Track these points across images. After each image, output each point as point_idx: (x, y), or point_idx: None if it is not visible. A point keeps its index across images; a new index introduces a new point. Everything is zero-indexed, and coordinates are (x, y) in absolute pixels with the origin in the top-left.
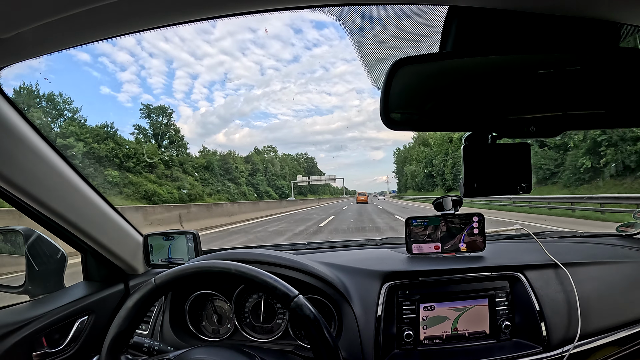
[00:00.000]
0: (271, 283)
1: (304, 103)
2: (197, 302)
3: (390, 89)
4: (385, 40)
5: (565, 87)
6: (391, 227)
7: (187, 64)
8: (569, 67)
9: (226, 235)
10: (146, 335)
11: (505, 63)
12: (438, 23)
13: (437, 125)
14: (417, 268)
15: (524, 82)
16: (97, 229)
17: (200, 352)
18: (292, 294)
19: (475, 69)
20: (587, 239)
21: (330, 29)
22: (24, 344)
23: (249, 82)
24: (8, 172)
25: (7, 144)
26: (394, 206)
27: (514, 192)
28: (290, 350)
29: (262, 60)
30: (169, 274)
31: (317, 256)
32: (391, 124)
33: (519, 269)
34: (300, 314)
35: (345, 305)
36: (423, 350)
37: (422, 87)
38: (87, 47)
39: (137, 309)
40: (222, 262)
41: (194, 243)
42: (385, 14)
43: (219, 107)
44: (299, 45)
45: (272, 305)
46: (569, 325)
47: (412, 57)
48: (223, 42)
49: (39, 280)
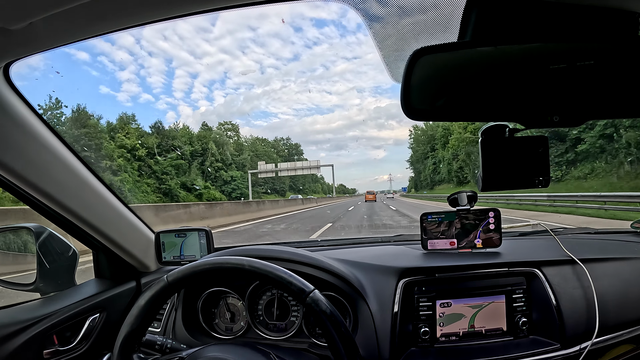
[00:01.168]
0: (286, 278)
1: (304, 102)
2: (209, 299)
3: (411, 79)
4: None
5: (587, 76)
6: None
7: (186, 62)
8: (590, 56)
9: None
10: (158, 333)
11: (526, 52)
12: (457, 13)
13: (458, 115)
14: (433, 264)
15: (545, 72)
16: (109, 226)
17: (214, 349)
18: (307, 289)
19: (496, 58)
20: (602, 235)
21: (331, 27)
22: (35, 342)
23: (248, 81)
24: (20, 168)
25: (19, 140)
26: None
27: (533, 186)
28: (305, 348)
29: (262, 58)
30: (181, 271)
31: (330, 253)
32: (411, 113)
33: (536, 265)
34: (316, 310)
35: (361, 302)
36: (440, 348)
37: (442, 76)
38: (86, 46)
39: (149, 307)
40: (234, 258)
41: (207, 240)
42: (404, 3)
43: (218, 107)
44: (299, 44)
45: (285, 303)
46: (586, 322)
47: (431, 47)
48: (222, 41)
49: (50, 278)
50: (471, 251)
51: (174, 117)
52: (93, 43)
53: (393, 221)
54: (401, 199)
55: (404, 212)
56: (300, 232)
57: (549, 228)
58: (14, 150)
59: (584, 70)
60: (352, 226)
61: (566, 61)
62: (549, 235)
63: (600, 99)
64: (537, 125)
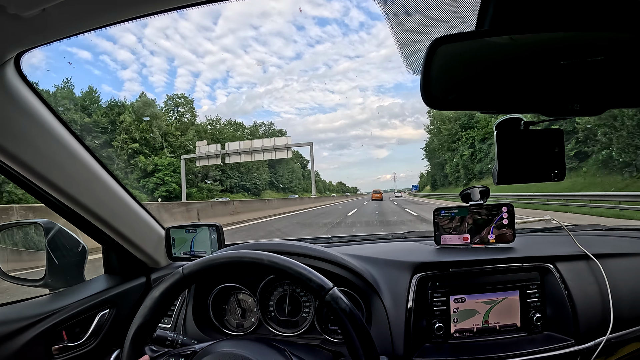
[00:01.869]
0: (305, 274)
1: (307, 101)
2: (220, 295)
3: (430, 69)
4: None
5: (608, 65)
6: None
7: (188, 61)
8: (612, 44)
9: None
10: (169, 329)
11: (545, 41)
12: (475, 2)
13: (478, 104)
14: (447, 259)
15: (565, 60)
16: (120, 221)
17: (228, 344)
18: (327, 286)
19: (515, 47)
20: (615, 232)
21: (333, 25)
22: (43, 337)
23: (251, 80)
24: (30, 160)
25: (30, 132)
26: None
27: (548, 179)
28: (317, 344)
29: (265, 57)
30: (197, 264)
31: (342, 249)
32: (432, 103)
33: (550, 260)
34: (335, 307)
35: (375, 298)
36: (454, 344)
37: (461, 66)
38: (88, 45)
39: (163, 299)
40: (253, 252)
41: (217, 235)
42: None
43: (221, 105)
44: (301, 43)
45: (297, 299)
46: (601, 317)
47: (450, 36)
48: (224, 40)
49: (60, 274)
50: (484, 246)
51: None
52: (95, 42)
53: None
54: (413, 199)
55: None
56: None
57: (562, 224)
58: (25, 142)
59: (605, 58)
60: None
61: (587, 49)
62: (562, 232)
63: (620, 87)
64: (557, 114)
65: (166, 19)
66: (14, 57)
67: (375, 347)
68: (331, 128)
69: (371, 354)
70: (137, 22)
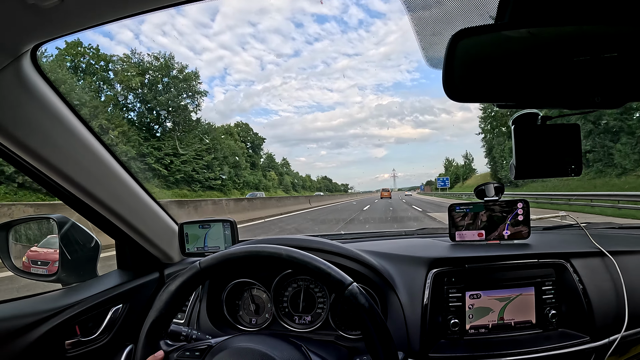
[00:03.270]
0: (324, 269)
1: (305, 99)
2: (234, 291)
3: (453, 62)
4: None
5: (629, 57)
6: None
7: (185, 58)
8: (629, 37)
9: None
10: (182, 324)
11: (567, 33)
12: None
13: (500, 97)
14: (462, 255)
15: (585, 53)
16: (134, 216)
17: (244, 339)
18: (346, 282)
19: (536, 39)
20: (628, 230)
21: (332, 22)
22: (57, 332)
23: (249, 78)
24: (46, 153)
25: (46, 124)
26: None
27: (565, 174)
28: (331, 340)
29: (262, 55)
30: (215, 258)
31: (357, 245)
32: (454, 95)
33: (565, 257)
34: (354, 303)
35: (391, 293)
36: (469, 340)
37: (482, 59)
38: (85, 40)
39: (179, 293)
40: (271, 247)
41: (231, 231)
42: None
43: (218, 103)
44: (299, 40)
45: (311, 295)
46: (616, 314)
47: (471, 29)
48: (222, 36)
49: (72, 269)
50: (499, 243)
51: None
52: (92, 38)
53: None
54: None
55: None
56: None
57: (577, 221)
58: (41, 135)
59: (624, 50)
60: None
61: (607, 42)
62: (577, 229)
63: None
64: (578, 107)
65: (163, 15)
66: (30, 49)
67: (393, 343)
68: (329, 127)
69: (389, 349)
70: (135, 18)
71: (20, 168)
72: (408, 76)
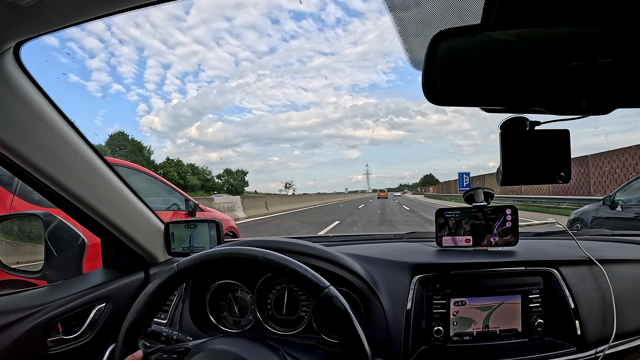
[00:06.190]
0: (301, 272)
1: (280, 98)
2: (218, 292)
3: (433, 63)
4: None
5: (619, 62)
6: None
7: (158, 52)
8: (623, 40)
9: None
10: (165, 324)
11: (554, 35)
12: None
13: (483, 100)
14: (448, 261)
15: (574, 56)
16: (118, 215)
17: (221, 342)
18: (322, 285)
19: (522, 41)
20: (619, 237)
21: (309, 20)
22: (39, 329)
23: (223, 74)
24: (29, 152)
25: (28, 123)
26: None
27: (553, 181)
28: (314, 344)
29: (237, 51)
30: (192, 259)
31: (342, 248)
32: (434, 99)
33: (553, 265)
34: (330, 307)
35: (373, 298)
36: (453, 347)
37: (466, 60)
38: (57, 33)
39: (157, 295)
40: (248, 249)
41: (217, 231)
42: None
43: (191, 99)
44: (275, 37)
45: (295, 298)
46: (604, 325)
47: (454, 29)
48: (196, 31)
49: (58, 266)
50: (487, 249)
51: (145, 109)
52: (68, 31)
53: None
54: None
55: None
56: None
57: (567, 228)
58: (24, 134)
59: (615, 55)
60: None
61: (597, 46)
62: (566, 236)
63: (630, 87)
64: (565, 112)
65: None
66: (12, 47)
67: (367, 348)
68: (303, 126)
69: (365, 355)
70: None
71: (2, 165)
72: (384, 77)
